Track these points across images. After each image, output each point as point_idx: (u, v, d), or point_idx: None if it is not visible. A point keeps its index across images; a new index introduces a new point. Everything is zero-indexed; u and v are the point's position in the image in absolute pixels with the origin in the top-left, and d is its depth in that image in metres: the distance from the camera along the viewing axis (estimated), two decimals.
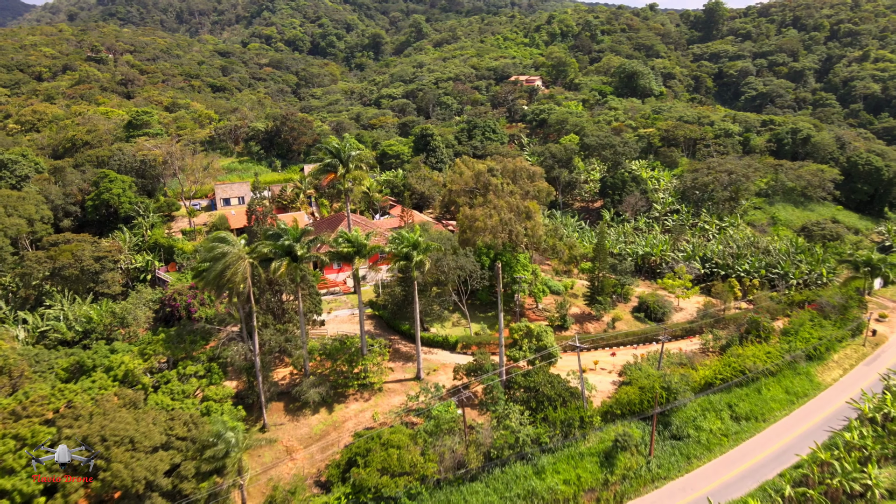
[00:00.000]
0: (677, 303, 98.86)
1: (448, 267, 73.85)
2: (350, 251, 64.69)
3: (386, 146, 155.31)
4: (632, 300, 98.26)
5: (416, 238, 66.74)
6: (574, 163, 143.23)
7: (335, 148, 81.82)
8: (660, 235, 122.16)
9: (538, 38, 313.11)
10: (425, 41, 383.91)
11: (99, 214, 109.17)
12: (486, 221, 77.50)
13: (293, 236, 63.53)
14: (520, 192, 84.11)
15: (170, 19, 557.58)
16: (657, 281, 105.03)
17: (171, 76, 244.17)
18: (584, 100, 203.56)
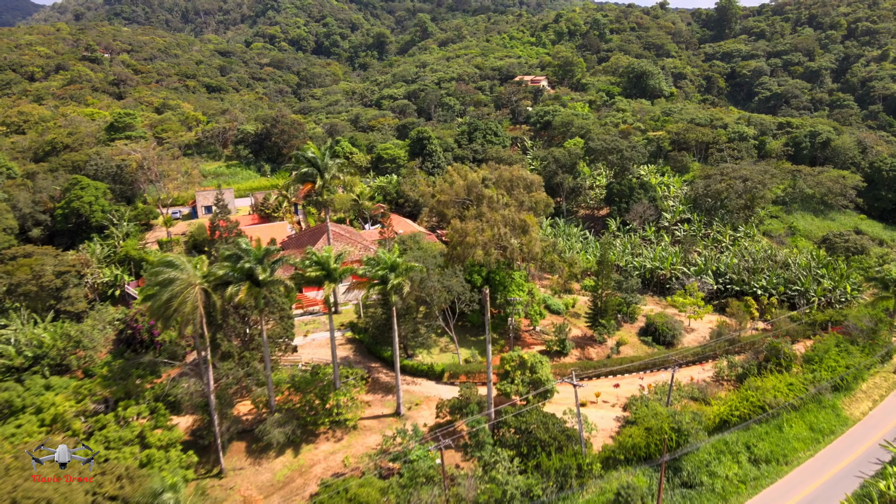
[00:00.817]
0: (688, 323, 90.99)
1: (433, 288, 66.35)
2: (319, 275, 57.34)
3: (381, 150, 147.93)
4: (638, 320, 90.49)
5: (394, 259, 59.32)
6: (579, 168, 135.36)
7: (312, 156, 74.57)
8: (669, 247, 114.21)
9: (545, 37, 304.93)
10: (430, 40, 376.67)
11: (69, 224, 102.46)
12: (477, 237, 69.99)
13: (255, 257, 56.26)
14: (515, 204, 76.52)
15: (175, 19, 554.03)
16: (666, 298, 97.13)
17: (167, 76, 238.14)
18: (591, 101, 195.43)
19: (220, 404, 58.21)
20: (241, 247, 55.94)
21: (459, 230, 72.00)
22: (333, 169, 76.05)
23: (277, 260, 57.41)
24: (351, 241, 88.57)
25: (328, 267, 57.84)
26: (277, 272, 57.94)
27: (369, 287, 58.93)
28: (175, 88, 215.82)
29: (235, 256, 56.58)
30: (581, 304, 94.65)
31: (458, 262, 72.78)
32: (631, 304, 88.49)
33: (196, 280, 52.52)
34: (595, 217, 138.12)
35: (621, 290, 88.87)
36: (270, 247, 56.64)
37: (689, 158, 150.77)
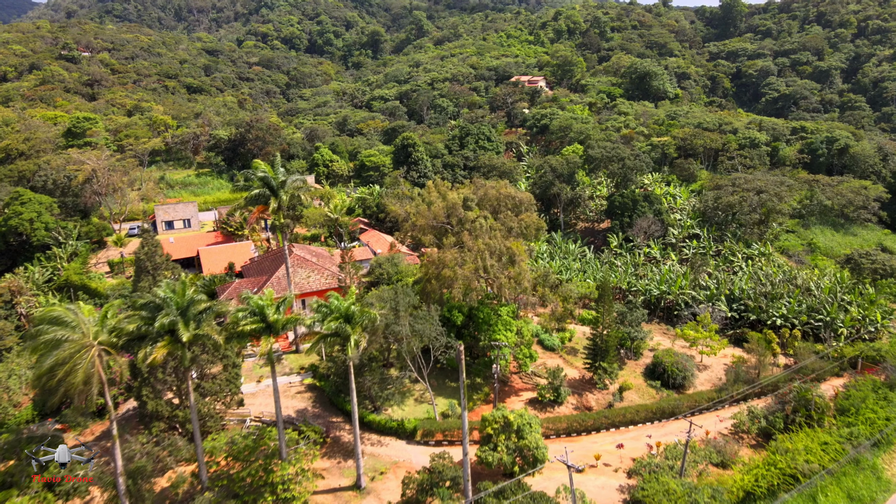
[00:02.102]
0: (700, 359, 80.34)
1: (403, 335, 55.66)
2: (256, 328, 46.58)
3: (365, 157, 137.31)
4: (644, 355, 79.88)
5: (350, 308, 48.56)
6: (578, 177, 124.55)
7: (263, 174, 63.91)
8: (677, 266, 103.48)
9: (543, 35, 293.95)
10: (426, 39, 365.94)
11: (7, 243, 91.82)
12: (456, 269, 59.24)
13: (176, 307, 45.52)
14: (502, 230, 65.79)
15: (168, 17, 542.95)
16: (676, 330, 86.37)
17: (146, 76, 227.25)
18: (591, 103, 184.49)
19: (136, 482, 47.55)
20: (157, 294, 45.14)
21: (437, 261, 61.31)
22: (291, 188, 65.24)
23: (206, 310, 46.64)
24: (317, 268, 77.84)
25: (267, 318, 47.09)
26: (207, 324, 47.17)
27: (317, 342, 48.17)
28: (153, 89, 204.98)
29: (152, 306, 45.84)
30: (579, 335, 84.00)
31: (435, 300, 62.02)
32: (636, 339, 77.79)
33: (93, 341, 41.82)
34: (595, 231, 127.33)
35: (624, 322, 78.21)
36: (195, 296, 45.83)
37: (697, 166, 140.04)
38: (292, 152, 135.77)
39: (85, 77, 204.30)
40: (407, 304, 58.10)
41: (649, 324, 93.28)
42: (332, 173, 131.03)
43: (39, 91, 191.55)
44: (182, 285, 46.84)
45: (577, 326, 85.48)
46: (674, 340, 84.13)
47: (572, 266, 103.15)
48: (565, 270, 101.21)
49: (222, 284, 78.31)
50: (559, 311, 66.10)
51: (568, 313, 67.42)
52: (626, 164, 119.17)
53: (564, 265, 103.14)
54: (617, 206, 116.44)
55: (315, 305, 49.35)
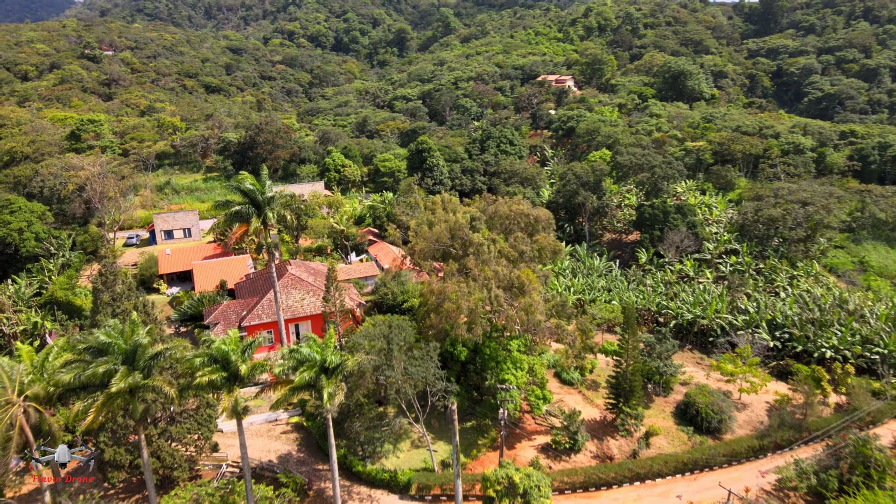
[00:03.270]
0: (739, 396, 71.58)
1: (395, 380, 48.46)
2: (218, 379, 39.79)
3: (379, 161, 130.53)
4: (675, 390, 71.45)
5: (327, 356, 41.49)
6: (604, 185, 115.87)
7: (250, 187, 57.33)
8: (712, 286, 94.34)
9: (573, 32, 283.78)
10: (452, 36, 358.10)
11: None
12: (459, 302, 51.81)
13: (121, 353, 39.04)
14: (513, 254, 58.12)
15: (198, 15, 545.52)
16: (711, 362, 77.64)
17: (165, 75, 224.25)
18: (621, 104, 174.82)
19: None
20: (99, 339, 38.63)
21: (437, 292, 53.93)
22: (277, 206, 58.51)
23: (157, 355, 40.05)
24: (313, 289, 71.09)
25: (231, 365, 40.31)
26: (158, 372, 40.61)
27: (285, 395, 41.21)
28: (171, 89, 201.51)
29: (97, 349, 39.42)
30: (602, 365, 75.99)
31: (435, 338, 54.66)
32: (664, 373, 69.41)
33: (16, 398, 35.54)
34: (623, 243, 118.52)
35: (652, 355, 69.88)
36: (142, 338, 39.20)
37: (735, 174, 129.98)
38: (303, 156, 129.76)
39: (103, 76, 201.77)
40: (402, 341, 50.84)
41: (681, 351, 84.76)
42: (344, 179, 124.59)
43: (57, 91, 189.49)
44: (131, 325, 40.35)
45: (599, 356, 77.42)
46: (708, 373, 75.39)
47: (596, 284, 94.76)
48: (588, 290, 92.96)
49: (211, 305, 72.14)
50: (577, 347, 58.26)
51: (587, 349, 59.52)
52: (656, 173, 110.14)
53: (588, 283, 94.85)
54: (646, 218, 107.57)
55: (286, 351, 42.40)
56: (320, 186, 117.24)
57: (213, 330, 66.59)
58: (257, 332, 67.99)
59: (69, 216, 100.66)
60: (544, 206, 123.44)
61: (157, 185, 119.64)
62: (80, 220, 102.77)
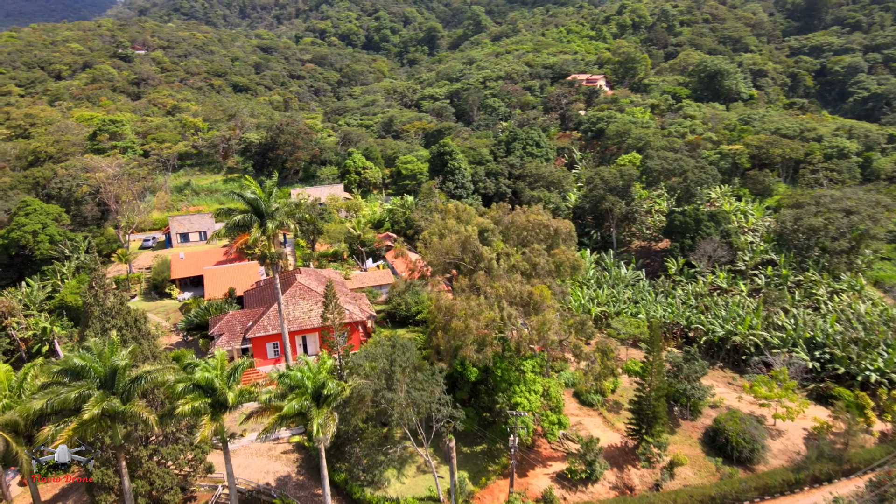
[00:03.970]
0: (773, 422, 66.60)
1: (396, 404, 45.22)
2: (201, 406, 37.01)
3: (401, 164, 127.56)
4: (703, 414, 66.83)
5: (320, 381, 38.43)
6: (633, 190, 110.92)
7: (252, 196, 54.70)
8: (746, 299, 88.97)
9: (606, 30, 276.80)
10: (483, 34, 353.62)
11: (10, 256, 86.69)
12: (468, 321, 48.35)
13: (98, 376, 36.59)
14: (527, 268, 54.33)
15: (232, 14, 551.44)
16: (744, 382, 72.69)
17: (194, 74, 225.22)
18: (654, 105, 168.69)
19: None
20: (73, 362, 36.18)
21: (446, 309, 50.53)
22: (280, 215, 55.71)
23: (137, 379, 37.49)
24: (320, 300, 68.14)
25: (215, 391, 37.52)
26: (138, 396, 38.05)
27: (273, 425, 38.24)
28: (199, 88, 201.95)
29: (74, 371, 37.02)
30: (625, 384, 71.65)
31: (443, 359, 51.26)
32: (692, 396, 64.84)
33: None
34: (652, 251, 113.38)
35: (679, 377, 65.38)
36: (119, 361, 36.65)
37: (773, 179, 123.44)
38: (324, 157, 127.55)
39: (133, 76, 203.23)
40: (405, 362, 47.53)
41: (712, 368, 79.80)
42: (365, 181, 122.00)
43: (87, 90, 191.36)
44: (111, 346, 37.85)
45: (622, 375, 73.04)
46: (740, 395, 70.45)
47: (622, 296, 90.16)
48: (613, 301, 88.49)
49: (217, 315, 70.01)
50: (597, 369, 54.23)
51: (608, 371, 55.41)
52: (688, 178, 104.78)
53: (613, 295, 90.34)
54: (677, 226, 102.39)
55: (276, 375, 39.48)
56: (339, 189, 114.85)
57: (217, 341, 64.38)
58: (263, 344, 65.68)
59: (85, 218, 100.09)
60: (571, 210, 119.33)
61: (177, 186, 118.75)
62: (96, 222, 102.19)
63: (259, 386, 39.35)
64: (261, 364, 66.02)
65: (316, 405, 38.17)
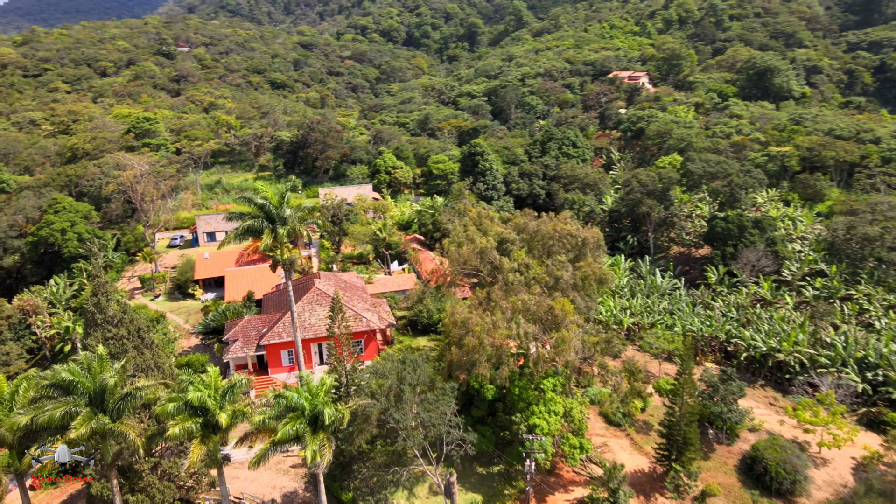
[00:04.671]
0: (818, 450, 61.65)
1: (404, 425, 42.63)
2: (193, 427, 35.01)
3: (433, 163, 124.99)
4: (741, 439, 62.30)
5: (317, 404, 36.06)
6: (672, 194, 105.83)
7: (263, 201, 52.83)
8: (792, 313, 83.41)
9: (651, 26, 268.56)
10: (524, 30, 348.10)
11: (39, 253, 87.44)
12: (482, 338, 45.44)
13: (87, 391, 35.00)
14: (549, 280, 50.98)
15: (277, 11, 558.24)
16: (786, 404, 67.72)
17: (234, 71, 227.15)
18: (698, 104, 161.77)
19: None
20: (60, 377, 34.67)
21: (460, 323, 47.66)
22: (292, 221, 53.67)
23: (127, 396, 35.79)
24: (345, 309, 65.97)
25: (209, 413, 35.50)
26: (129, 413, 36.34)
27: (265, 452, 36.00)
28: (237, 85, 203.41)
29: (59, 388, 35.51)
30: (657, 403, 67.43)
31: (459, 374, 48.40)
32: (728, 419, 60.42)
33: None
34: (691, 258, 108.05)
35: (714, 398, 61.03)
36: (108, 378, 34.97)
37: (826, 183, 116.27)
38: (355, 156, 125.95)
39: (174, 73, 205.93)
40: (415, 380, 44.88)
41: (752, 387, 74.99)
42: (395, 181, 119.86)
43: (129, 87, 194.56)
44: (99, 360, 36.23)
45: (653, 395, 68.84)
46: (782, 419, 65.65)
47: (657, 306, 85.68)
48: (648, 312, 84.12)
49: (233, 319, 68.68)
50: (623, 390, 50.64)
51: (635, 393, 51.70)
52: (733, 182, 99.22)
53: (647, 305, 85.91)
54: (718, 233, 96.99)
55: (272, 395, 37.29)
56: (368, 189, 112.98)
57: (231, 347, 62.96)
58: (277, 351, 64.00)
59: (116, 216, 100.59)
60: (606, 214, 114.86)
61: (208, 184, 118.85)
62: (125, 220, 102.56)
63: (254, 406, 37.22)
64: (275, 371, 64.38)
65: (313, 429, 35.85)
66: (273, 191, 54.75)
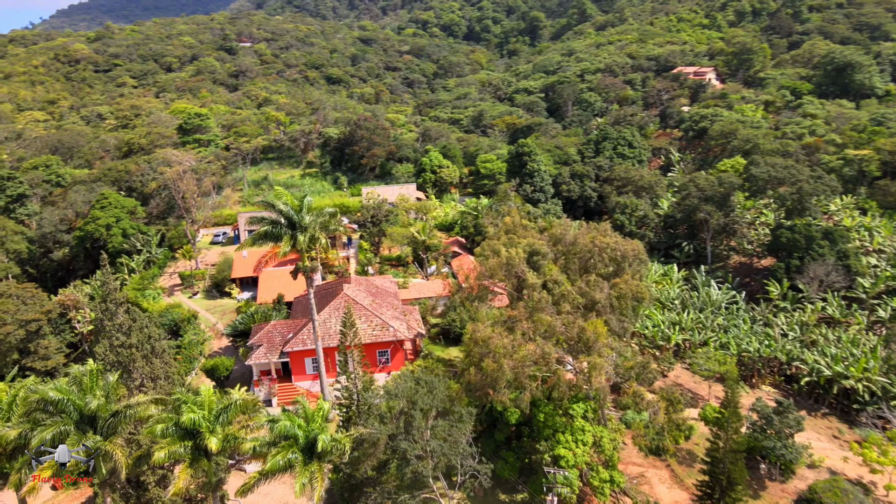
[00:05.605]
0: (886, 493, 55.35)
1: (413, 454, 39.78)
2: (182, 451, 33.11)
3: (481, 163, 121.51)
4: (797, 477, 56.57)
5: (315, 431, 33.58)
6: (734, 200, 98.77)
7: (285, 207, 50.86)
8: (864, 335, 75.94)
9: (721, 18, 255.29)
10: (587, 24, 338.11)
11: (85, 247, 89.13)
12: (501, 361, 42.04)
13: (77, 410, 33.65)
14: (579, 299, 46.92)
15: (341, 6, 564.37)
16: (852, 436, 61.24)
17: (292, 66, 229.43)
18: (768, 102, 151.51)
19: None
20: (48, 395, 33.37)
21: (481, 342, 44.35)
22: (313, 228, 51.50)
23: (117, 414, 34.25)
24: (367, 314, 63.86)
25: (199, 436, 33.49)
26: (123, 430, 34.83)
27: (254, 483, 33.77)
28: (293, 80, 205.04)
29: (51, 406, 34.28)
30: (703, 430, 62.16)
31: (478, 397, 45.18)
32: (782, 455, 54.73)
33: None
34: (753, 269, 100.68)
35: (768, 430, 55.43)
36: (93, 397, 33.48)
37: None
38: (401, 154, 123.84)
39: (233, 68, 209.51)
40: (428, 405, 41.87)
41: (814, 416, 68.83)
42: (440, 180, 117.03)
43: (190, 82, 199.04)
44: (91, 375, 34.87)
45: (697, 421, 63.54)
46: (846, 456, 59.34)
47: (710, 321, 79.62)
48: (699, 329, 78.31)
49: (260, 323, 67.51)
50: (660, 422, 46.21)
51: (673, 426, 47.14)
52: (802, 188, 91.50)
53: (700, 320, 79.97)
54: (783, 243, 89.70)
55: (265, 420, 35.01)
56: (411, 189, 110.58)
57: (255, 353, 61.65)
58: (301, 359, 62.31)
59: (162, 212, 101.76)
60: (661, 219, 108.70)
61: (255, 181, 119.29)
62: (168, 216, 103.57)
63: (249, 429, 35.17)
64: (299, 379, 62.73)
65: (308, 458, 33.38)
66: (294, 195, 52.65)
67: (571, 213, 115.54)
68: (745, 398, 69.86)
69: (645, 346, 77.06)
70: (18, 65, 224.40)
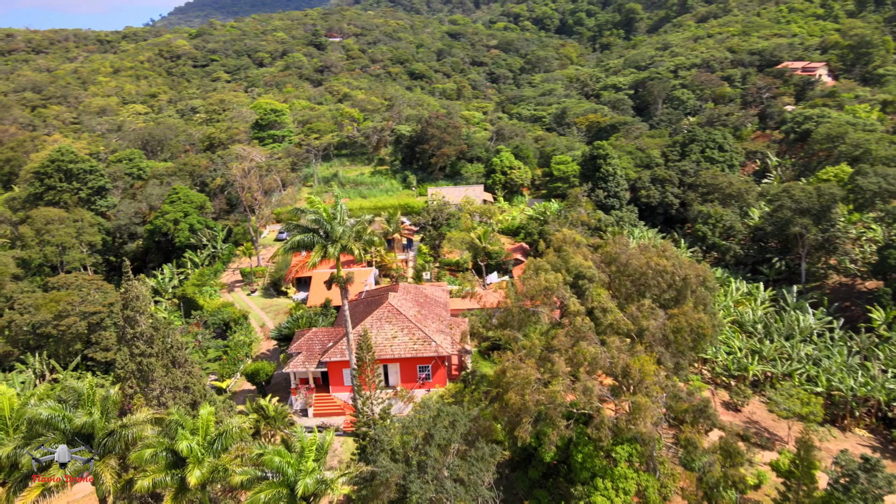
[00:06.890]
0: None
1: (425, 497, 36.43)
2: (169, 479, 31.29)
3: (555, 164, 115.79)
4: None
5: (301, 469, 30.85)
6: (835, 213, 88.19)
7: (315, 216, 48.58)
8: None
9: (839, 7, 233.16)
10: (688, 16, 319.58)
11: (155, 241, 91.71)
12: (525, 394, 37.90)
13: (72, 430, 32.60)
14: (631, 328, 41.72)
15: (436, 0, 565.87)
16: None
17: (377, 62, 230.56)
18: (887, 101, 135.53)
19: None
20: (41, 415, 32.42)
21: (510, 372, 40.22)
22: (346, 238, 48.97)
23: (112, 433, 32.93)
24: (408, 327, 61.00)
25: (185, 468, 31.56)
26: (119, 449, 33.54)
27: None
28: (376, 76, 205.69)
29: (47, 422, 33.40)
30: (775, 479, 54.89)
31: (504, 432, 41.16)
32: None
33: None
34: (855, 291, 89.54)
35: (851, 489, 47.68)
36: (86, 414, 32.27)
37: None
38: (472, 154, 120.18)
39: (319, 63, 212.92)
40: (446, 440, 38.34)
41: None
42: (511, 182, 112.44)
43: (278, 77, 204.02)
44: (89, 389, 33.78)
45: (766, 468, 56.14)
46: None
47: (797, 351, 70.87)
48: (784, 358, 69.91)
49: (303, 329, 66.14)
50: (715, 477, 40.28)
51: (729, 483, 40.99)
52: None
53: (785, 349, 71.41)
54: (891, 264, 78.84)
55: (254, 454, 32.54)
56: (478, 190, 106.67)
57: (293, 361, 60.26)
58: (339, 370, 60.34)
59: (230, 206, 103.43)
60: (751, 231, 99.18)
61: (325, 177, 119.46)
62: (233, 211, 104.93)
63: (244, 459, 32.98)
64: (337, 390, 60.78)
65: (296, 499, 30.71)
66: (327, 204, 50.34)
67: (650, 220, 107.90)
68: (832, 443, 61.70)
69: (718, 375, 69.82)
70: (127, 60, 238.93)
